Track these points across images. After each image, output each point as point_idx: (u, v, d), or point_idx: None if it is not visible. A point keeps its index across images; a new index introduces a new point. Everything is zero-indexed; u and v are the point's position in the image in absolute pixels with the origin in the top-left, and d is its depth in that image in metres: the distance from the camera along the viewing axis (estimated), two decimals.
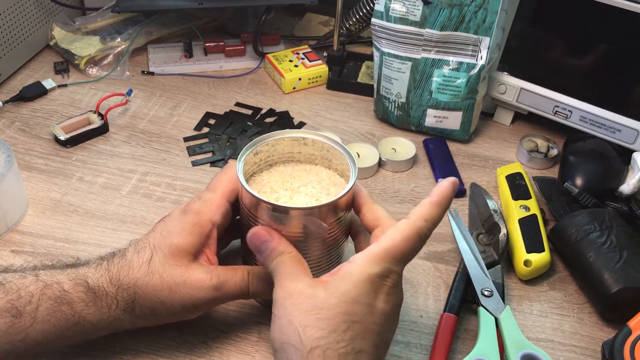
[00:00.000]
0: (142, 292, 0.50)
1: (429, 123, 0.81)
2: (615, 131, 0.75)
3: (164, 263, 0.51)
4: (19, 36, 0.89)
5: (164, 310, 0.51)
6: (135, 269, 0.50)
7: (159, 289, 0.50)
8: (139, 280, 0.50)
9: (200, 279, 0.51)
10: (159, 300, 0.50)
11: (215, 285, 0.51)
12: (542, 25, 0.78)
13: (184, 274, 0.51)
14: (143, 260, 0.51)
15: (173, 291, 0.50)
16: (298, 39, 1.01)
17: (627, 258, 0.59)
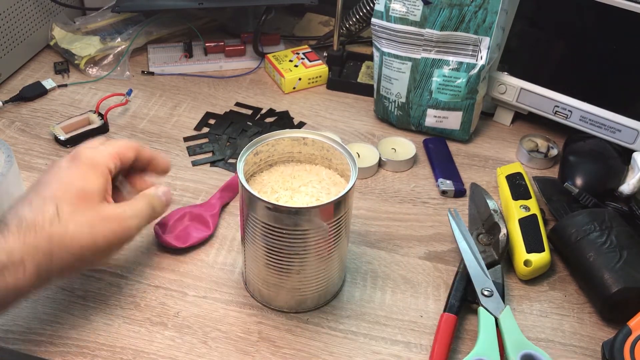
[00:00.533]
0: (60, 244, 0.49)
1: (429, 123, 0.81)
2: (615, 131, 0.75)
3: (75, 210, 0.50)
4: (19, 36, 0.89)
5: (90, 252, 0.50)
6: (44, 226, 0.48)
7: (78, 236, 0.49)
8: (52, 235, 0.48)
9: (117, 212, 0.52)
10: (80, 247, 0.49)
11: (132, 214, 0.53)
12: (542, 25, 0.78)
13: (100, 213, 0.51)
14: (49, 214, 0.49)
15: (95, 232, 0.50)
16: (298, 39, 1.01)
17: (627, 258, 0.59)
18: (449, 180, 0.74)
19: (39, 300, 0.59)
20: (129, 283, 0.61)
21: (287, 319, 0.59)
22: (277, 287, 0.57)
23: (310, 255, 0.55)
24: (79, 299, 0.59)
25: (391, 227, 0.69)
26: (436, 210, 0.72)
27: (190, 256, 0.64)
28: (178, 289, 0.61)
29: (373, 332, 0.58)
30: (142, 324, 0.58)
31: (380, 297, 0.62)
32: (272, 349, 0.56)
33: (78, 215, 0.50)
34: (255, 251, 0.56)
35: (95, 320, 0.57)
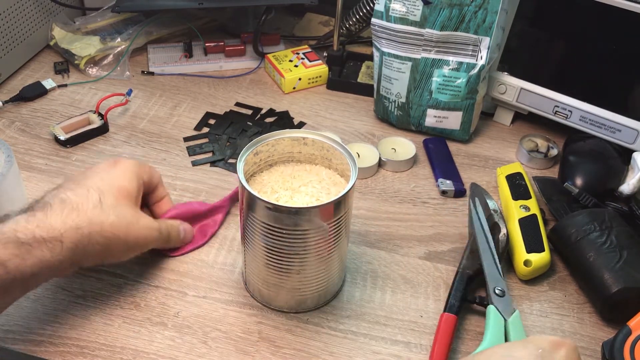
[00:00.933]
0: (99, 229, 0.52)
1: (429, 123, 0.81)
2: (615, 131, 0.75)
3: (116, 204, 0.55)
4: (19, 36, 0.89)
5: (119, 245, 0.55)
6: (87, 209, 0.52)
7: (116, 226, 0.54)
8: (93, 218, 0.52)
9: (149, 221, 0.58)
10: (114, 236, 0.54)
11: (158, 229, 0.59)
12: (542, 25, 0.78)
13: (135, 215, 0.56)
14: (93, 200, 0.53)
15: (129, 229, 0.55)
16: (298, 39, 1.01)
17: (627, 258, 0.59)
18: (449, 180, 0.74)
19: (39, 300, 0.59)
20: (128, 283, 0.61)
21: (287, 319, 0.59)
22: (277, 287, 0.57)
23: (310, 255, 0.55)
24: (79, 299, 0.59)
25: (391, 227, 0.69)
26: (436, 210, 0.72)
27: (190, 256, 0.64)
28: (178, 289, 0.61)
29: (373, 332, 0.58)
30: (142, 324, 0.58)
31: (380, 297, 0.62)
32: (272, 349, 0.56)
33: (119, 209, 0.55)
34: (255, 251, 0.56)
35: (95, 320, 0.57)
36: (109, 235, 0.53)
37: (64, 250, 0.50)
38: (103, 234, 0.53)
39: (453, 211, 0.72)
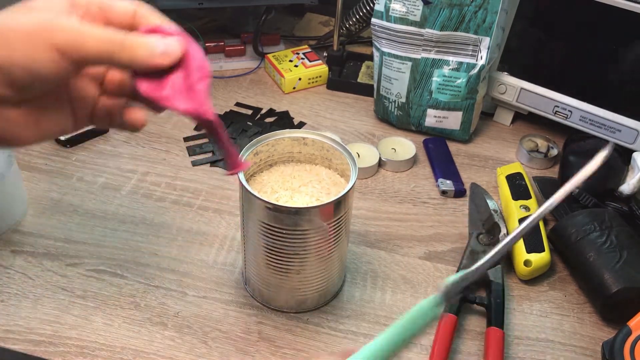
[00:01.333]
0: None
1: (429, 123, 0.81)
2: (615, 131, 0.75)
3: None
4: None
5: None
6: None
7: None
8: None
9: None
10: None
11: (85, 28, 0.40)
12: (542, 25, 0.78)
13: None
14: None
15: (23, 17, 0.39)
16: (298, 39, 1.01)
17: (627, 258, 0.59)
18: (449, 180, 0.74)
19: (38, 300, 0.59)
20: (128, 283, 0.61)
21: (287, 319, 0.59)
22: (277, 287, 0.57)
23: (310, 255, 0.55)
24: (79, 299, 0.59)
25: (391, 227, 0.69)
26: (436, 210, 0.72)
27: (190, 256, 0.64)
28: (178, 289, 0.61)
29: (373, 332, 0.58)
30: (142, 324, 0.58)
31: (380, 297, 0.62)
32: (272, 348, 0.56)
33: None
34: (255, 251, 0.56)
35: (95, 320, 0.57)
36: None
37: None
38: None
39: (453, 211, 0.72)
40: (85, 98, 0.44)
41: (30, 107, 0.40)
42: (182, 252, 0.65)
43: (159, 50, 0.41)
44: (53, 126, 0.43)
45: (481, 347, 0.57)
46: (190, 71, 0.42)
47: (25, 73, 0.37)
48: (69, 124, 0.44)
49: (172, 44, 0.43)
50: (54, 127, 0.43)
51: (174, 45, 0.43)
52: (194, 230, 0.67)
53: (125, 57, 0.40)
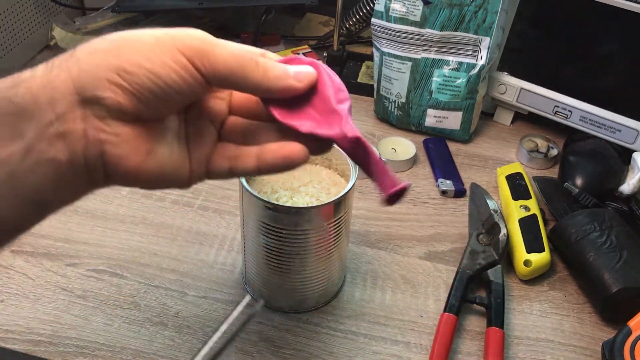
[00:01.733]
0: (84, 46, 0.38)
1: (429, 123, 0.81)
2: (615, 131, 0.75)
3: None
4: (19, 36, 0.89)
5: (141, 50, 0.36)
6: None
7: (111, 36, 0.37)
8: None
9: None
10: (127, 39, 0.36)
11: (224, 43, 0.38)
12: (542, 25, 0.78)
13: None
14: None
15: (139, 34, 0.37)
16: (298, 39, 1.01)
17: (627, 258, 0.59)
18: (449, 180, 0.74)
19: (38, 300, 0.59)
20: (128, 283, 0.61)
21: (287, 319, 0.59)
22: (277, 287, 0.57)
23: (310, 255, 0.55)
24: (79, 299, 0.59)
25: (391, 227, 0.69)
26: (436, 210, 0.72)
27: (190, 256, 0.64)
28: (178, 289, 0.61)
29: (373, 332, 0.58)
30: (142, 324, 0.58)
31: (380, 297, 0.62)
32: (272, 349, 0.56)
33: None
34: (255, 251, 0.56)
35: (95, 320, 0.57)
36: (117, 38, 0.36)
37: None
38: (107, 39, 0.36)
39: (453, 211, 0.72)
40: (202, 137, 0.40)
41: (145, 130, 0.36)
42: (182, 252, 0.65)
43: (292, 71, 0.38)
44: (168, 164, 0.38)
45: (481, 347, 0.57)
46: (328, 95, 0.39)
47: (151, 79, 0.34)
48: (185, 167, 0.39)
49: (306, 68, 0.39)
50: (170, 165, 0.38)
51: (308, 69, 0.39)
52: (194, 230, 0.67)
53: (259, 76, 0.37)
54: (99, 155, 0.35)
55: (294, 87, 0.38)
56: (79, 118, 0.34)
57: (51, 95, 0.33)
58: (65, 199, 0.37)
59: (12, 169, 0.33)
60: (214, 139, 0.41)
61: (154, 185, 0.39)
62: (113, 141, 0.35)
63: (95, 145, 0.35)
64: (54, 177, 0.35)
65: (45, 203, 0.36)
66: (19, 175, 0.33)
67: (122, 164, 0.36)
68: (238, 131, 0.42)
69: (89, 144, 0.35)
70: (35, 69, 0.34)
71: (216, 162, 0.41)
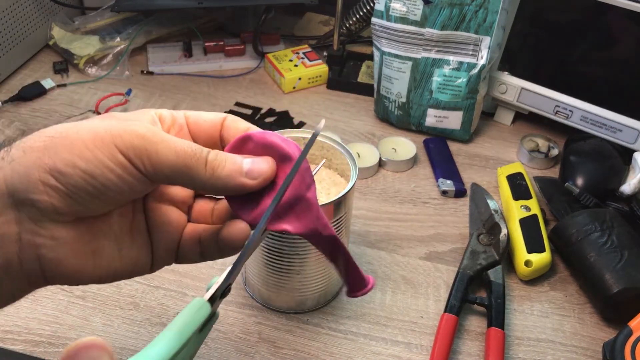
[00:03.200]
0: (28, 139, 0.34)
1: (430, 123, 0.81)
2: (616, 131, 0.75)
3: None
4: (18, 36, 0.89)
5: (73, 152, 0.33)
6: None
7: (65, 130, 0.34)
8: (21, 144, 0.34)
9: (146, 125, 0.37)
10: (61, 137, 0.34)
11: (168, 137, 0.36)
12: (542, 24, 0.78)
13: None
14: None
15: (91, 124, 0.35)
16: (298, 39, 1.01)
17: (628, 258, 0.59)
18: (450, 180, 0.74)
19: (38, 300, 0.59)
20: (128, 283, 0.61)
21: (287, 320, 0.59)
22: (277, 287, 0.57)
23: (310, 256, 0.55)
24: (78, 300, 0.59)
25: (391, 227, 0.69)
26: (437, 210, 0.72)
27: None
28: (177, 289, 0.61)
29: (373, 333, 0.58)
30: (141, 324, 0.57)
31: (381, 297, 0.61)
32: (272, 349, 0.56)
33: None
34: (255, 252, 0.56)
35: (94, 320, 0.57)
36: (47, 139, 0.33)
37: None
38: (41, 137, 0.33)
39: (454, 211, 0.71)
40: (167, 227, 0.38)
41: (87, 230, 0.34)
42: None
43: (245, 168, 0.35)
44: (115, 257, 0.36)
45: (482, 347, 0.57)
46: (294, 183, 0.35)
47: (86, 180, 0.32)
48: (144, 261, 0.38)
49: (260, 163, 0.36)
50: (119, 263, 0.36)
51: (262, 165, 0.36)
52: None
53: (206, 176, 0.34)
54: (36, 260, 0.33)
55: (246, 185, 0.35)
56: (13, 221, 0.32)
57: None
58: (3, 301, 0.35)
59: None
60: (183, 224, 0.39)
61: (104, 281, 0.36)
62: (49, 245, 0.33)
63: (30, 249, 0.33)
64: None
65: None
66: None
67: (61, 268, 0.34)
68: (207, 211, 0.40)
69: (23, 247, 0.33)
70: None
71: (187, 247, 0.39)
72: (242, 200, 0.36)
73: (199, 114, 0.39)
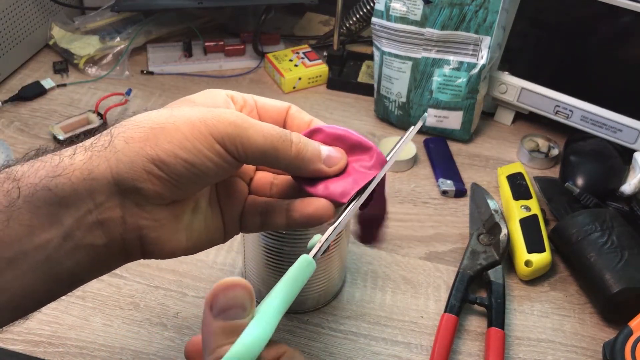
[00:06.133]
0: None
1: (430, 123, 0.81)
2: (616, 131, 0.75)
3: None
4: (18, 35, 0.89)
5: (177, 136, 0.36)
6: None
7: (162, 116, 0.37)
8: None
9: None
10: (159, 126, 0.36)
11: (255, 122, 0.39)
12: (543, 24, 0.78)
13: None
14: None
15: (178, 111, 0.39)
16: (298, 39, 1.01)
17: (628, 258, 0.59)
18: (450, 180, 0.74)
19: None
20: (128, 283, 0.61)
21: (287, 320, 0.58)
22: None
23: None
24: (78, 299, 0.59)
25: (391, 227, 0.69)
26: (437, 210, 0.72)
27: (190, 256, 0.64)
28: (177, 289, 0.61)
29: (373, 333, 0.58)
30: (141, 324, 0.57)
31: (381, 297, 0.61)
32: None
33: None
34: (255, 252, 0.56)
35: (94, 320, 0.57)
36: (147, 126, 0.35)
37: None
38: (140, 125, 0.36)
39: (454, 211, 0.71)
40: (233, 197, 0.42)
41: (180, 209, 0.38)
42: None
43: (324, 154, 0.40)
44: (203, 232, 0.40)
45: (482, 347, 0.57)
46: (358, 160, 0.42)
47: (187, 168, 0.35)
48: (220, 231, 0.42)
49: (337, 154, 0.41)
50: (205, 233, 0.41)
51: (339, 155, 0.41)
52: None
53: (291, 157, 0.38)
54: (138, 239, 0.37)
55: (323, 171, 0.40)
56: (118, 206, 0.35)
57: (90, 186, 0.34)
58: (100, 274, 0.38)
59: (49, 254, 0.34)
60: (245, 195, 0.43)
61: (192, 252, 0.40)
62: (152, 226, 0.36)
63: (134, 231, 0.36)
64: (91, 259, 0.36)
65: (80, 280, 0.38)
66: (55, 259, 0.34)
67: (160, 245, 0.37)
68: (266, 186, 0.43)
69: (127, 229, 0.36)
70: (74, 156, 0.35)
71: (248, 217, 0.42)
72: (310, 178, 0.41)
73: (266, 100, 0.42)
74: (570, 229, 0.63)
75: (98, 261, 0.36)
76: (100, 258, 0.36)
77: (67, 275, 0.36)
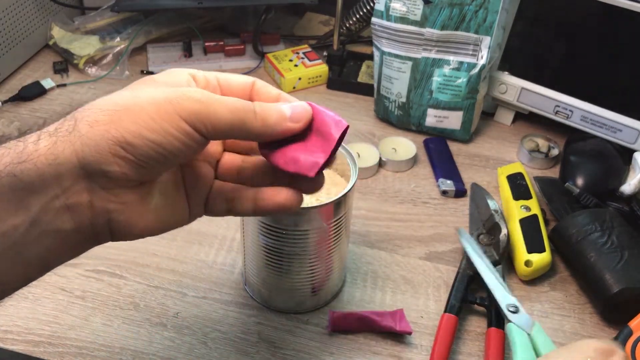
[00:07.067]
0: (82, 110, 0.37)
1: (430, 123, 0.81)
2: (616, 131, 0.75)
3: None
4: (18, 35, 0.89)
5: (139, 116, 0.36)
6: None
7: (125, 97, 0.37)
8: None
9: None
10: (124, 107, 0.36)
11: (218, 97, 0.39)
12: (543, 24, 0.78)
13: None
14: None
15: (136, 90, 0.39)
16: (298, 39, 1.01)
17: (628, 258, 0.59)
18: (450, 180, 0.74)
19: (37, 300, 0.58)
20: (128, 283, 0.61)
21: (286, 320, 0.58)
22: (276, 287, 0.57)
23: (311, 255, 0.54)
24: (78, 300, 0.59)
25: (391, 227, 0.69)
26: (437, 210, 0.72)
27: (190, 256, 0.64)
28: (177, 289, 0.61)
29: (373, 333, 0.58)
30: (141, 324, 0.57)
31: (381, 297, 0.61)
32: (271, 349, 0.56)
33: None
34: (255, 251, 0.56)
35: (94, 320, 0.57)
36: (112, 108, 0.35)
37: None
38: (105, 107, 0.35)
39: (454, 211, 0.71)
40: (199, 181, 0.42)
41: (147, 191, 0.38)
42: (182, 253, 0.64)
43: (288, 113, 0.40)
44: (169, 214, 0.40)
45: (482, 347, 0.57)
46: (326, 125, 0.43)
47: (154, 149, 0.35)
48: (185, 212, 0.42)
49: (301, 106, 0.42)
50: (171, 215, 0.41)
51: (303, 107, 0.42)
52: (193, 231, 0.67)
53: (258, 126, 0.38)
54: (106, 222, 0.37)
55: (292, 128, 0.40)
56: (85, 190, 0.35)
57: (56, 170, 0.34)
58: (70, 257, 0.38)
59: (16, 240, 0.34)
60: (211, 179, 0.43)
61: (157, 233, 0.40)
62: (120, 209, 0.36)
63: (102, 214, 0.36)
64: (60, 244, 0.36)
65: (48, 265, 0.37)
66: (23, 245, 0.34)
67: (129, 227, 0.37)
68: (233, 170, 0.44)
69: (95, 213, 0.36)
70: (39, 141, 0.34)
71: (214, 202, 0.43)
72: (273, 148, 0.40)
73: (229, 76, 0.42)
74: (570, 229, 0.63)
75: (67, 245, 0.37)
76: (69, 242, 0.36)
77: (37, 260, 0.36)
